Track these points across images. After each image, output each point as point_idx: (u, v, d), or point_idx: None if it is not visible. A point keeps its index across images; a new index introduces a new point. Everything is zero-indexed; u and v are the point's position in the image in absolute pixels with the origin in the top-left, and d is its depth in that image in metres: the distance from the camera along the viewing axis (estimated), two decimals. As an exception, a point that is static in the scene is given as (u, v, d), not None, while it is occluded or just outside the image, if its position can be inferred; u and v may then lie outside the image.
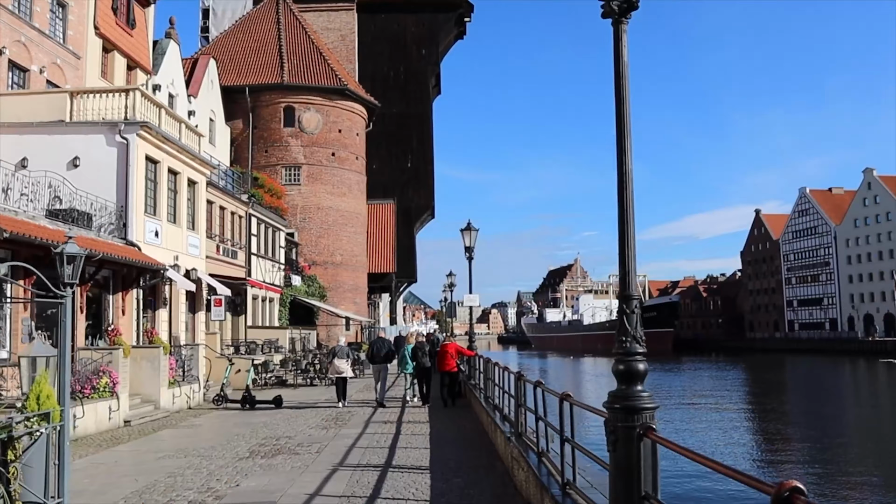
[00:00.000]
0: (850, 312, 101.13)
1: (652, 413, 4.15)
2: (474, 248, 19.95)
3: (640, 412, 4.12)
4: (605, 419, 4.31)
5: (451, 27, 55.12)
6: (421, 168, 53.04)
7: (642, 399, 4.20)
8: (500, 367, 11.58)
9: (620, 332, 4.42)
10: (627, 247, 4.37)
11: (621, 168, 4.34)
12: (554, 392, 6.38)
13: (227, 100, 38.55)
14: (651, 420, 4.12)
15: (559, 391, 6.22)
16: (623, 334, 4.42)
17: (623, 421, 4.16)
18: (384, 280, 49.19)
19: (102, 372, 14.40)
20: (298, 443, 11.91)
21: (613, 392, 4.35)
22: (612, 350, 4.43)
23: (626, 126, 4.35)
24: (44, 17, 22.55)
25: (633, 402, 4.18)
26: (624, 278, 4.44)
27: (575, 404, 5.70)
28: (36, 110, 19.77)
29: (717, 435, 26.56)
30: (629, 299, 4.48)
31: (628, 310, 4.47)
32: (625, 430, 4.15)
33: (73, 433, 13.05)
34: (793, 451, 24.00)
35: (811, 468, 20.80)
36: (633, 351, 4.39)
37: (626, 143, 4.36)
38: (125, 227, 19.20)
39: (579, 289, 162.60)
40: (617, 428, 4.20)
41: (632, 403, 4.17)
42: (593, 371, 68.30)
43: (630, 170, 4.36)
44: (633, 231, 4.38)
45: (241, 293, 29.49)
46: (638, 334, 4.41)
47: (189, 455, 10.90)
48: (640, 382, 4.29)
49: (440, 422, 14.59)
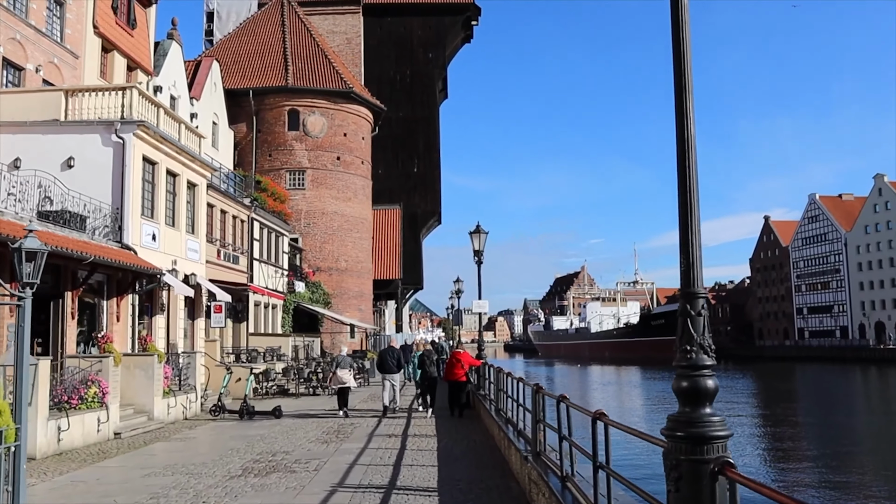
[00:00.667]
0: (861, 320, 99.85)
1: (724, 443, 3.31)
2: (483, 251, 19.12)
3: (709, 442, 3.27)
4: (664, 450, 3.45)
5: (458, 30, 54.43)
6: (427, 173, 52.23)
7: (713, 425, 3.33)
8: (514, 378, 10.73)
9: (683, 340, 3.53)
10: (691, 231, 3.51)
11: (683, 131, 3.51)
12: (584, 409, 5.53)
13: (230, 103, 37.90)
14: (724, 451, 3.28)
15: (586, 407, 5.41)
16: (687, 342, 3.52)
17: (689, 453, 3.30)
18: (390, 287, 48.35)
19: (91, 381, 13.63)
20: (296, 459, 11.07)
21: (675, 416, 3.47)
22: (673, 362, 3.57)
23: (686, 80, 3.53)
24: (40, 14, 21.92)
25: (702, 428, 3.31)
26: (688, 271, 3.55)
27: (611, 425, 4.84)
28: (30, 109, 19.09)
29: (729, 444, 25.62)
30: (694, 298, 3.59)
31: (693, 311, 3.56)
32: (692, 466, 3.30)
33: (58, 447, 12.30)
34: (805, 460, 23.17)
35: (823, 477, 20.01)
36: (700, 363, 3.49)
37: (687, 104, 3.54)
38: (121, 230, 18.47)
39: (586, 296, 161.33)
40: (680, 462, 3.33)
41: (700, 431, 3.29)
42: (601, 379, 67.45)
43: (693, 135, 3.53)
44: (698, 211, 3.54)
45: (242, 299, 28.72)
46: (706, 342, 3.52)
47: (177, 472, 10.09)
48: (708, 404, 3.42)
49: (448, 435, 13.75)
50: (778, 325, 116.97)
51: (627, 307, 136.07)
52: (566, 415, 6.20)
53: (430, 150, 52.26)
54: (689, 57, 3.57)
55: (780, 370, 72.58)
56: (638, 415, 35.39)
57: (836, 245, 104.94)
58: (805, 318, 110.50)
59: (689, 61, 3.57)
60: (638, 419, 32.33)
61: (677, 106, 3.58)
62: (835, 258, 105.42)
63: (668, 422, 3.45)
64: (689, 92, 3.58)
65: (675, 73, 3.58)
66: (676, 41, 3.60)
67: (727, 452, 3.29)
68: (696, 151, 3.55)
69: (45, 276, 16.76)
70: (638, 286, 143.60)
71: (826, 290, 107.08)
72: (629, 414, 34.25)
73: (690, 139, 3.53)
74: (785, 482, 19.11)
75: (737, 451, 24.61)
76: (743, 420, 33.29)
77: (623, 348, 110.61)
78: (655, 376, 65.56)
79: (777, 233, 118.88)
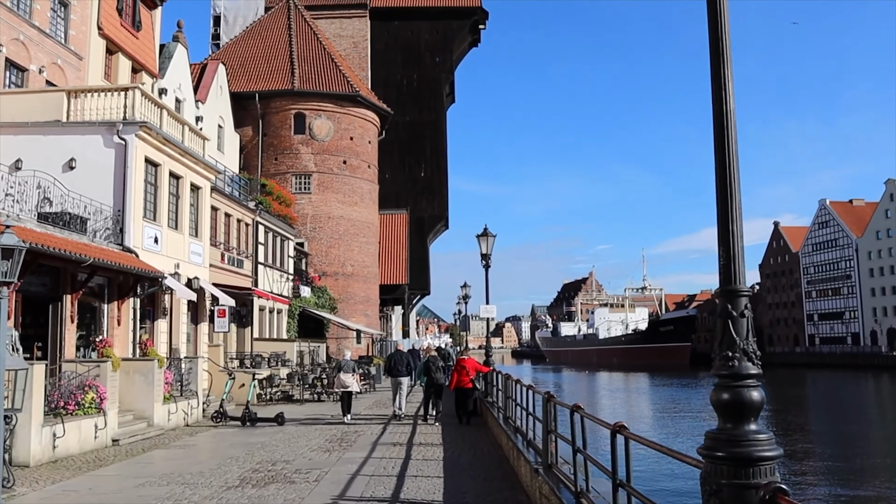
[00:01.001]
0: (872, 326, 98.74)
1: (773, 464, 2.87)
2: (491, 255, 18.69)
3: (756, 464, 2.81)
4: (703, 473, 3.01)
5: (465, 35, 54.13)
6: (435, 177, 51.87)
7: (760, 444, 2.87)
8: (524, 385, 10.29)
9: (724, 345, 3.06)
10: (732, 220, 3.09)
11: (721, 105, 3.08)
12: (601, 421, 5.11)
13: (236, 106, 37.67)
14: (773, 474, 2.85)
15: (595, 415, 4.99)
16: (728, 347, 3.05)
17: (732, 476, 2.85)
18: (397, 292, 47.96)
19: (89, 386, 13.27)
20: (296, 468, 10.65)
21: (715, 434, 3.01)
22: (712, 370, 3.13)
23: (724, 46, 3.11)
24: (44, 15, 21.68)
25: (747, 448, 2.85)
26: (728, 265, 3.11)
27: (633, 439, 4.40)
28: (31, 110, 18.83)
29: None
30: (736, 296, 3.13)
31: (735, 311, 3.09)
32: (736, 492, 2.85)
33: (53, 454, 11.94)
34: (817, 469, 22.59)
35: (835, 486, 19.43)
36: (744, 372, 3.01)
37: (726, 74, 3.12)
38: (122, 233, 18.15)
39: (594, 302, 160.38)
40: (722, 487, 2.89)
41: (745, 451, 2.84)
42: (609, 386, 66.84)
43: (732, 109, 3.11)
44: (739, 197, 3.12)
45: (246, 304, 28.38)
46: (750, 347, 3.05)
47: (173, 482, 9.70)
48: (754, 419, 2.96)
49: (454, 443, 13.32)
50: (788, 331, 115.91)
51: (636, 313, 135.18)
52: (580, 426, 5.77)
53: (437, 155, 51.92)
54: (726, 19, 3.15)
55: (790, 377, 71.72)
56: (647, 422, 34.83)
57: (847, 251, 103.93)
58: (816, 324, 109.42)
59: (727, 23, 3.15)
60: (647, 427, 31.78)
61: (714, 77, 3.17)
62: (846, 264, 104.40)
63: (706, 440, 3.00)
64: (728, 60, 3.16)
65: (711, 39, 3.17)
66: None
67: (777, 476, 2.86)
68: (735, 127, 3.14)
69: (43, 279, 16.55)
70: (646, 292, 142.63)
71: (837, 297, 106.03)
72: (637, 422, 33.69)
73: (730, 114, 3.12)
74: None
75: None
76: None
77: (631, 355, 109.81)
78: (664, 383, 64.89)
79: (787, 238, 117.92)
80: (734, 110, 3.14)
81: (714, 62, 3.17)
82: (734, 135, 3.15)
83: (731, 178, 3.14)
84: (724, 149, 3.14)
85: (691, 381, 66.68)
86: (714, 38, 3.16)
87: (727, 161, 3.12)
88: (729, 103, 3.14)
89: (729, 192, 3.14)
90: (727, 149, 3.13)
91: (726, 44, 3.15)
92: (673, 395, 51.66)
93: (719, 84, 3.16)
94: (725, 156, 3.13)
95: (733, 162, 3.14)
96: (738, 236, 3.10)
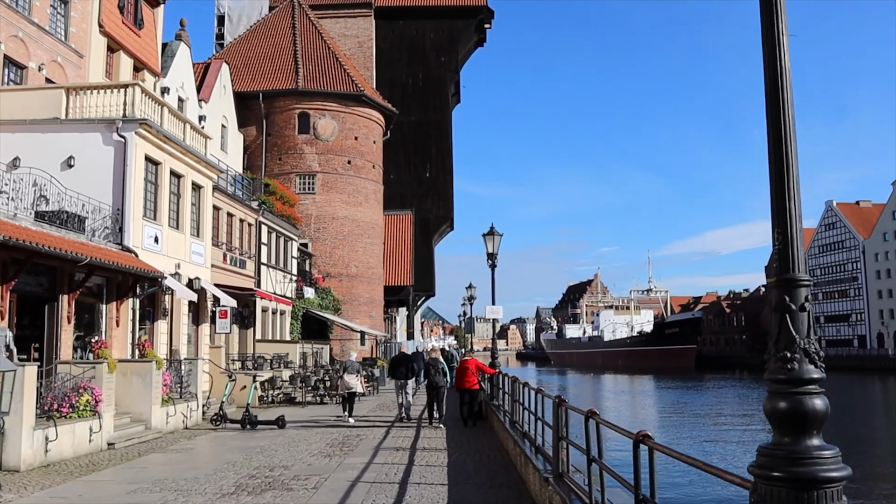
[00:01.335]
0: (879, 329, 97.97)
1: (840, 486, 2.46)
2: (497, 254, 18.29)
3: (821, 486, 2.40)
4: (755, 496, 2.58)
5: (470, 34, 53.76)
6: (440, 178, 51.45)
7: (824, 462, 2.45)
8: (532, 388, 9.87)
9: (781, 344, 2.61)
10: (789, 195, 2.63)
11: (774, 61, 2.68)
12: (622, 429, 4.70)
13: (240, 106, 37.38)
14: (840, 498, 2.44)
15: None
16: (786, 347, 2.60)
17: (790, 500, 2.45)
18: (401, 293, 47.57)
19: (83, 388, 12.92)
20: (295, 474, 10.26)
21: (769, 449, 2.58)
22: (765, 374, 2.70)
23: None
24: (44, 12, 21.39)
25: (810, 467, 2.43)
26: (785, 249, 2.66)
27: (658, 449, 3.98)
28: (30, 107, 18.52)
29: (745, 454, 24.73)
30: (795, 285, 2.68)
31: (794, 304, 2.63)
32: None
33: (45, 458, 11.58)
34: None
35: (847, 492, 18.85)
36: (806, 376, 2.56)
37: (780, 21, 2.70)
38: (121, 232, 17.83)
39: (599, 304, 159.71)
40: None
41: (807, 470, 2.42)
42: (614, 388, 66.41)
43: (788, 66, 2.70)
44: (796, 167, 2.68)
45: (249, 305, 28.04)
46: (812, 346, 2.60)
47: (166, 488, 9.33)
48: (816, 432, 2.54)
49: (459, 448, 12.92)
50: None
51: (641, 315, 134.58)
52: (596, 433, 5.37)
53: (442, 155, 51.53)
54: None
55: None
56: (653, 423, 34.37)
57: (854, 253, 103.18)
58: (822, 326, 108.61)
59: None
60: (655, 430, 31.30)
61: (765, 28, 2.73)
62: (852, 266, 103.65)
63: (759, 456, 2.56)
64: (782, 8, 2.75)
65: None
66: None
67: (844, 500, 2.44)
68: (791, 87, 2.72)
69: (40, 279, 16.21)
70: (652, 294, 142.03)
71: (843, 299, 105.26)
72: (644, 426, 33.17)
73: (785, 71, 2.71)
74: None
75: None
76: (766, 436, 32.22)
77: (636, 357, 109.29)
78: (670, 386, 64.41)
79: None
80: (790, 68, 2.74)
81: (765, 7, 2.75)
82: (790, 95, 2.74)
83: (787, 145, 2.72)
84: (778, 112, 2.72)
85: (697, 384, 66.24)
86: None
87: (782, 126, 2.71)
88: (784, 59, 2.74)
89: (785, 161, 2.70)
90: (782, 111, 2.72)
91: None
92: (678, 398, 51.20)
93: (772, 36, 2.75)
94: (780, 120, 2.71)
95: (789, 127, 2.72)
96: (797, 215, 2.67)
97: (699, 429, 31.74)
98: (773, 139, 2.74)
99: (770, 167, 2.74)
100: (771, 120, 2.75)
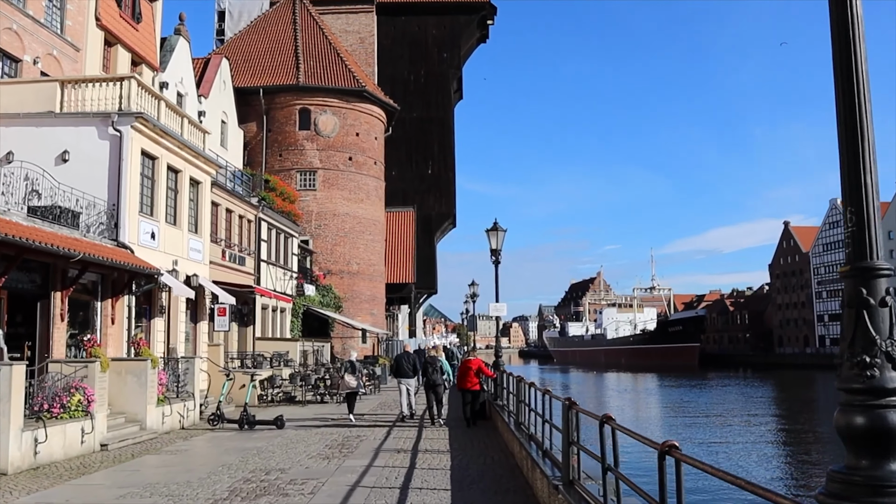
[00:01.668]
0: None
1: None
2: (501, 250, 17.90)
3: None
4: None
5: (473, 30, 53.30)
6: (442, 175, 51.01)
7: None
8: (540, 389, 9.47)
9: (858, 346, 2.18)
10: (864, 168, 2.21)
11: (844, 9, 2.27)
12: (646, 439, 4.29)
13: (240, 102, 36.98)
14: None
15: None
16: (864, 350, 2.17)
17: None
18: (403, 291, 47.17)
19: (75, 388, 12.54)
20: (291, 478, 9.87)
21: (842, 474, 2.16)
22: (836, 383, 2.27)
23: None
24: (39, 4, 21.00)
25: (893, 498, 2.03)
26: (861, 233, 2.27)
27: (686, 461, 3.58)
28: (24, 101, 18.16)
29: (750, 455, 24.38)
30: (874, 275, 2.26)
31: (873, 297, 2.21)
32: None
33: (35, 460, 11.21)
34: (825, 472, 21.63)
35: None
36: (888, 385, 2.12)
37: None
38: (117, 228, 17.45)
39: (602, 302, 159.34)
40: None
41: (892, 502, 2.02)
42: (617, 387, 66.06)
43: (860, 13, 2.29)
44: (872, 139, 2.28)
45: (248, 302, 27.66)
46: (893, 348, 2.17)
47: (157, 493, 8.95)
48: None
49: (463, 450, 12.52)
50: (798, 332, 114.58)
51: (644, 313, 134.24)
52: (612, 440, 4.97)
53: (444, 152, 51.09)
54: None
55: (800, 378, 70.68)
56: (657, 423, 33.97)
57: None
58: (826, 325, 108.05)
59: None
60: (660, 429, 30.91)
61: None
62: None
63: (829, 481, 2.13)
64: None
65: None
66: None
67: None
68: (864, 41, 2.31)
69: (32, 275, 15.82)
70: (655, 292, 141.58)
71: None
72: (647, 424, 32.82)
73: (857, 22, 2.30)
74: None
75: (765, 465, 23.22)
76: (777, 436, 31.83)
77: (640, 355, 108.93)
78: (673, 384, 64.04)
79: (797, 238, 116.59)
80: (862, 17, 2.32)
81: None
82: (863, 50, 2.33)
83: (861, 109, 2.31)
84: (849, 68, 2.31)
85: (700, 382, 65.90)
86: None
87: (855, 85, 2.29)
88: (855, 7, 2.33)
89: (860, 128, 2.28)
90: (855, 67, 2.30)
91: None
92: (680, 397, 50.81)
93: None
94: (852, 77, 2.29)
95: (863, 88, 2.31)
96: (874, 192, 2.26)
97: (707, 430, 31.30)
98: (845, 105, 2.30)
99: (839, 133, 2.32)
100: (841, 81, 2.32)
